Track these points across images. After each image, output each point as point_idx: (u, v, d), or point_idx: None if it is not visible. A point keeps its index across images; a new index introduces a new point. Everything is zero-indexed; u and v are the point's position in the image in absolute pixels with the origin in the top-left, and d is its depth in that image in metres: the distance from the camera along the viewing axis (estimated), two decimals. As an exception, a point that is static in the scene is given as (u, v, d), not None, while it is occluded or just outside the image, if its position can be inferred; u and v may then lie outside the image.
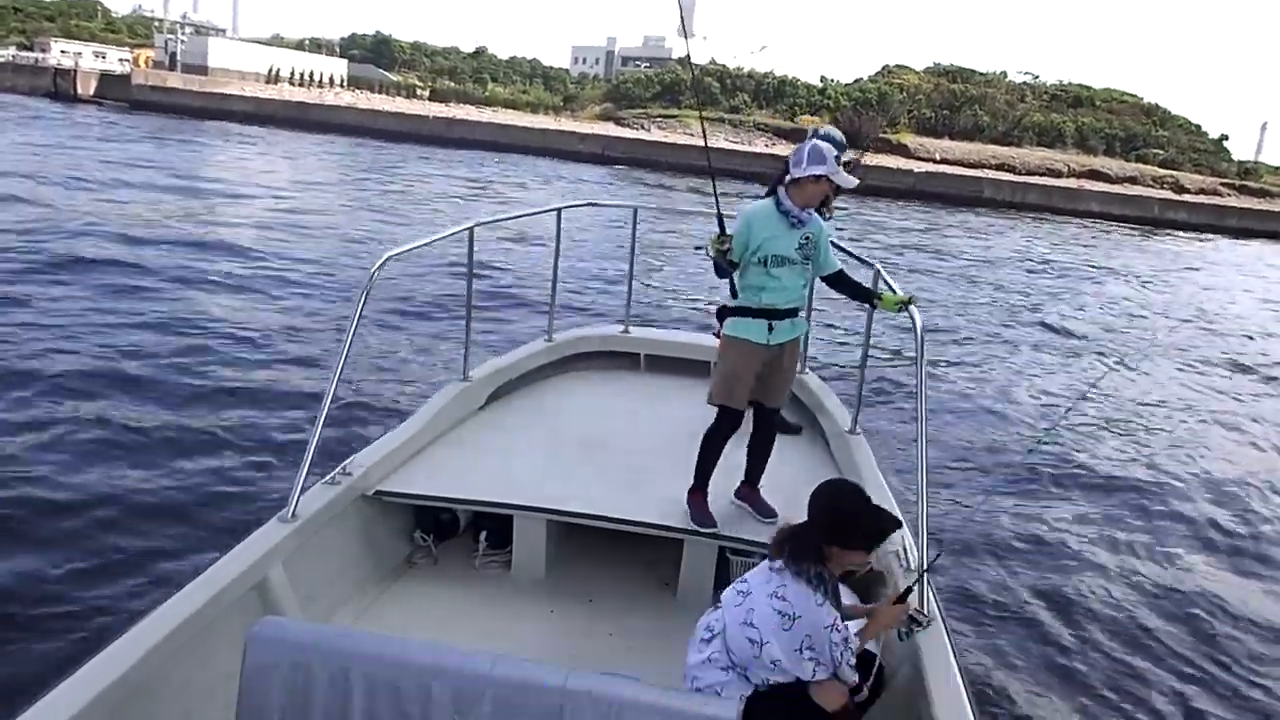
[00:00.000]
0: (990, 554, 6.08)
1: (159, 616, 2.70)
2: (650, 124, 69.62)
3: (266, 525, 3.35)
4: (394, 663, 2.23)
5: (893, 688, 2.98)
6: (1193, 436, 9.85)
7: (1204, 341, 16.36)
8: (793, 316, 3.94)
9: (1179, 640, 5.30)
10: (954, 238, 30.82)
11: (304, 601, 3.34)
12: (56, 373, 8.09)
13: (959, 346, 12.87)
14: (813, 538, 2.72)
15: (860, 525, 2.78)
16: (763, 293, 3.84)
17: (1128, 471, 8.08)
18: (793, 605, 2.64)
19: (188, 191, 23.12)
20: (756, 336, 3.87)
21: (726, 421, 3.98)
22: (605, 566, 4.19)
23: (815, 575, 2.67)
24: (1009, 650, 4.98)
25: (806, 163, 3.72)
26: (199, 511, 5.85)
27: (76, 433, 6.87)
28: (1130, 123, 78.81)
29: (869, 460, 4.43)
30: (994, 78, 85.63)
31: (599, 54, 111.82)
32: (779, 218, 3.80)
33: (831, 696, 2.67)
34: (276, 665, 2.24)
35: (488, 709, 2.16)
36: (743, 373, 3.91)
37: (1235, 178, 72.00)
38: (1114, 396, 11.01)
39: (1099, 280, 23.94)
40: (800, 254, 3.83)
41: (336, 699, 2.22)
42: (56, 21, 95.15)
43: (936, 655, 2.79)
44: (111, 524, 5.60)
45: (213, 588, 2.89)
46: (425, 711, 2.19)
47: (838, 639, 2.64)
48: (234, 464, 6.59)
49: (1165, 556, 6.40)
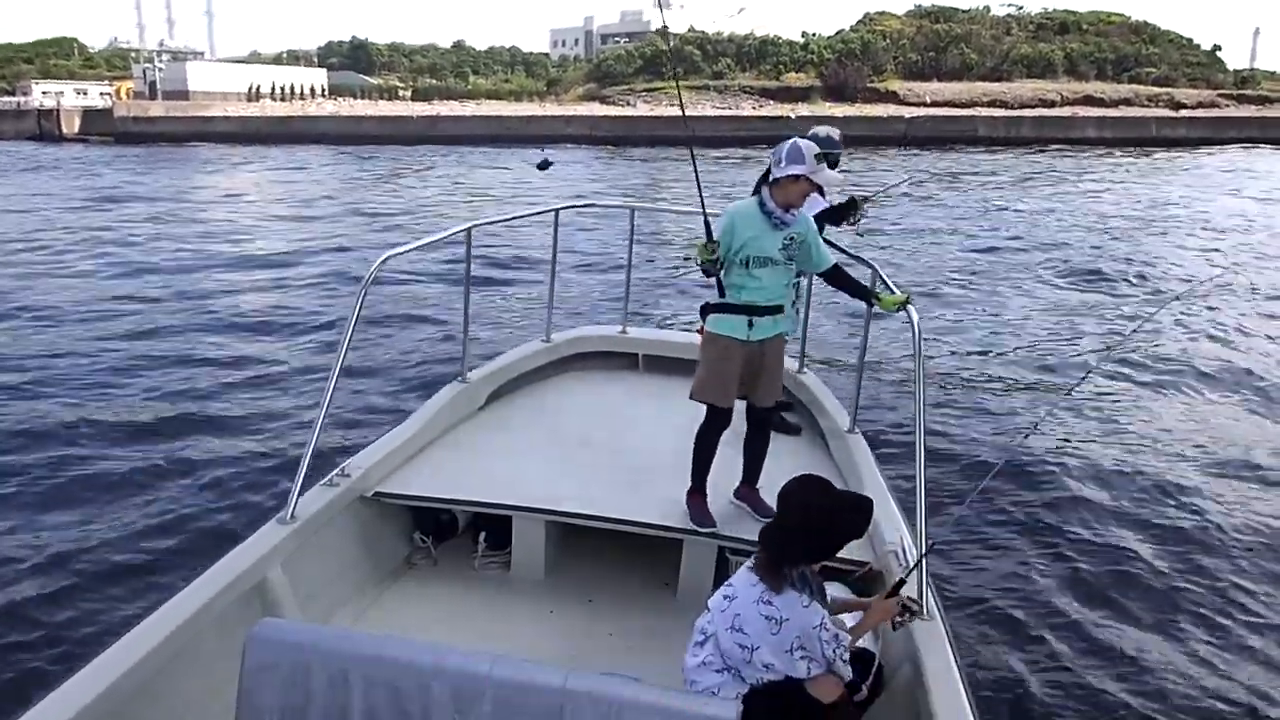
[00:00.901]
0: (991, 552, 6.03)
1: (159, 618, 2.72)
2: (635, 99, 69.10)
3: (266, 527, 3.37)
4: (393, 663, 2.23)
5: (893, 687, 2.97)
6: (1213, 410, 9.34)
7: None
8: (775, 314, 3.93)
9: (1182, 638, 5.17)
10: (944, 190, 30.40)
11: (303, 602, 3.34)
12: (57, 375, 8.26)
13: (958, 335, 12.38)
14: (790, 549, 2.70)
15: (840, 531, 2.77)
16: (743, 291, 3.85)
17: (1134, 463, 7.78)
18: (779, 610, 2.64)
19: (175, 205, 23.43)
20: (737, 333, 3.88)
21: (715, 419, 3.98)
22: (605, 566, 4.19)
23: (798, 576, 2.67)
24: (1010, 649, 4.93)
25: (785, 162, 3.71)
26: (198, 513, 5.85)
27: (75, 436, 6.92)
28: (1120, 44, 77.54)
29: (868, 459, 4.43)
30: (977, 13, 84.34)
31: (578, 34, 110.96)
32: (762, 218, 3.80)
33: (827, 689, 2.67)
34: (276, 666, 2.25)
35: (488, 709, 2.16)
36: (724, 369, 3.91)
37: (1232, 88, 70.88)
38: (1132, 366, 10.57)
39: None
40: (784, 254, 3.83)
41: (336, 700, 2.23)
42: (35, 62, 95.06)
43: (936, 654, 2.79)
44: (111, 526, 5.60)
45: (212, 589, 2.90)
46: (425, 712, 2.19)
47: (827, 636, 2.65)
48: (233, 466, 6.59)
49: (1170, 552, 6.19)
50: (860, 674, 2.76)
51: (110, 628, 4.15)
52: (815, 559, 2.76)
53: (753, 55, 78.13)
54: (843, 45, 77.75)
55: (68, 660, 2.81)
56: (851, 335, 10.62)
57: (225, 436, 7.14)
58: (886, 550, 3.45)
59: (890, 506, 3.84)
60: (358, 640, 2.37)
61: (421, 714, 2.19)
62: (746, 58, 77.86)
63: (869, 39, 78.27)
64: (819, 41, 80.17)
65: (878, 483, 4.11)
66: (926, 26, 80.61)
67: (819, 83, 71.84)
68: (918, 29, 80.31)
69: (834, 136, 5.49)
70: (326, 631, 2.74)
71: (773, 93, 70.18)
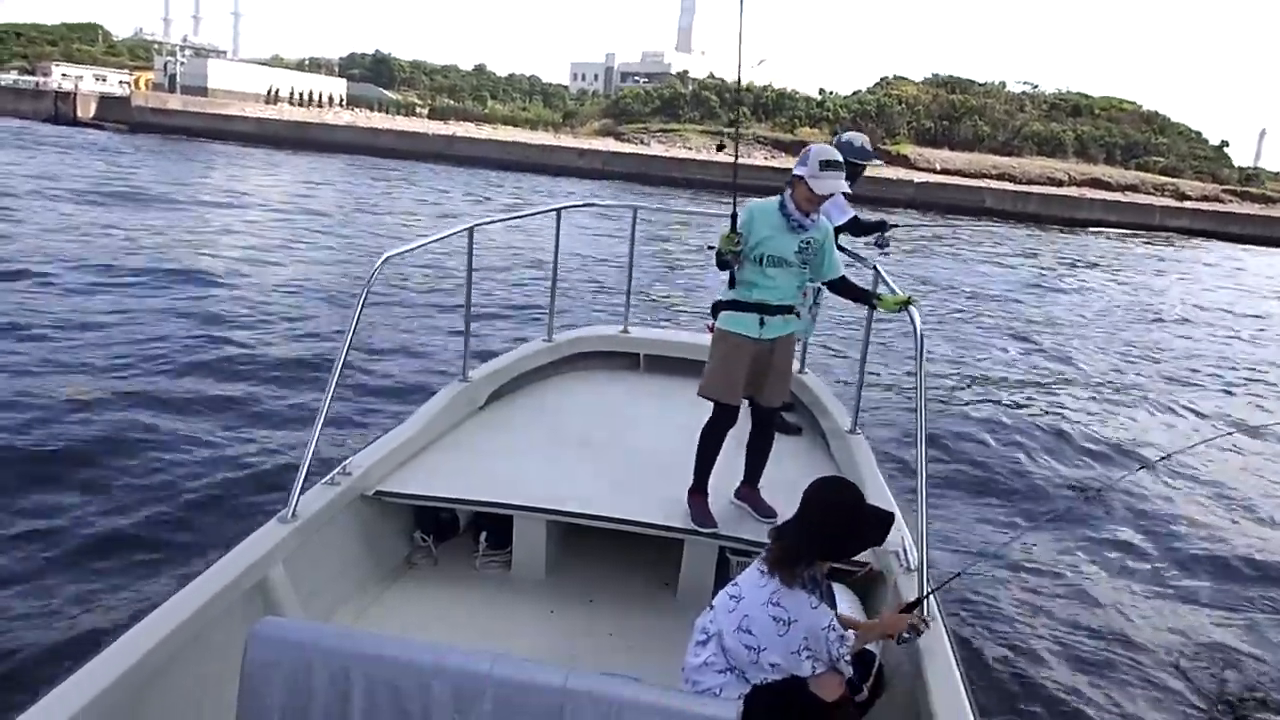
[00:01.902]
0: (991, 552, 6.06)
1: (159, 616, 2.70)
2: (650, 138, 69.75)
3: (267, 525, 3.35)
4: (394, 662, 2.23)
5: (893, 688, 2.95)
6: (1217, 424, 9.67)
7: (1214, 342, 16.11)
8: (786, 313, 3.93)
9: (1182, 640, 5.22)
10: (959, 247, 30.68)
11: (304, 601, 3.33)
12: (59, 373, 8.18)
13: (958, 337, 12.83)
14: (805, 545, 2.69)
15: (858, 537, 2.76)
16: (755, 289, 3.86)
17: (1135, 471, 7.87)
18: (788, 611, 2.63)
19: (184, 202, 23.37)
20: (749, 330, 3.88)
21: (721, 417, 3.96)
22: (605, 566, 4.19)
23: (809, 579, 2.68)
24: (1010, 650, 4.93)
25: (797, 163, 3.77)
26: (199, 512, 5.83)
27: (76, 433, 6.86)
28: (1130, 130, 78.83)
29: (869, 460, 4.42)
30: (993, 88, 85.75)
31: (598, 70, 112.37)
32: (780, 219, 3.81)
33: (830, 687, 2.66)
34: (277, 665, 2.25)
35: (488, 709, 2.16)
36: (734, 366, 3.90)
37: (1237, 184, 71.90)
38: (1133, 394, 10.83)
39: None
40: (799, 258, 3.84)
41: (336, 698, 2.22)
42: (59, 46, 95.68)
43: (937, 655, 2.79)
44: (112, 525, 5.57)
45: (213, 587, 2.89)
46: (425, 711, 2.19)
47: (834, 636, 2.65)
48: (234, 464, 6.57)
49: (1171, 556, 6.32)
50: (861, 674, 2.76)
51: (111, 626, 4.13)
52: (827, 559, 2.76)
53: (769, 107, 79.06)
54: (859, 105, 78.85)
55: (69, 658, 2.78)
56: (853, 336, 10.73)
57: (226, 435, 7.12)
58: (887, 551, 3.42)
59: (891, 507, 3.77)
60: (359, 639, 2.36)
61: (422, 713, 2.19)
62: (763, 108, 78.78)
63: (885, 102, 79.40)
64: (835, 99, 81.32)
65: (878, 483, 4.10)
66: (942, 96, 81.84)
67: (832, 140, 72.56)
68: (933, 97, 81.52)
69: (864, 145, 5.57)
70: (327, 630, 2.73)
71: (785, 145, 70.81)
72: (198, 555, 4.78)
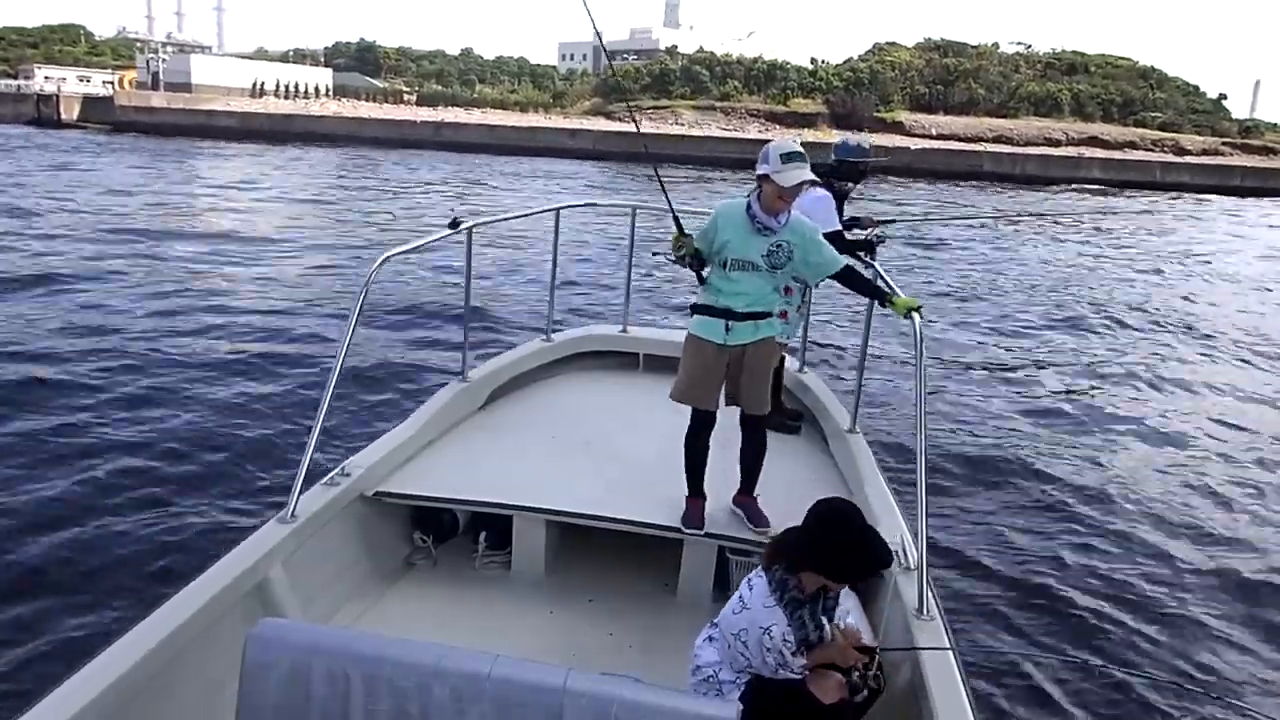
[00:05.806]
0: (991, 552, 6.01)
1: (159, 617, 2.71)
2: (641, 116, 69.08)
3: (266, 526, 3.36)
4: (394, 663, 2.23)
5: (893, 688, 2.92)
6: (1212, 423, 9.44)
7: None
8: (756, 320, 3.83)
9: (1183, 638, 5.22)
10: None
11: (303, 602, 3.36)
12: (55, 374, 8.27)
13: (958, 335, 12.64)
14: (793, 549, 2.67)
15: (848, 562, 2.66)
16: (720, 294, 3.80)
17: (1133, 469, 7.91)
18: (752, 595, 2.67)
19: (179, 199, 23.54)
20: (713, 335, 3.82)
21: (697, 422, 3.93)
22: (605, 567, 4.20)
23: (779, 580, 2.65)
24: (1010, 649, 4.94)
25: (759, 162, 3.65)
26: (198, 512, 5.85)
27: (74, 435, 6.89)
28: (1127, 87, 77.99)
29: (868, 459, 4.42)
30: (986, 50, 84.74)
31: (586, 50, 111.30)
32: (745, 221, 3.72)
33: (829, 689, 2.65)
34: (276, 665, 2.25)
35: (488, 709, 2.17)
36: (699, 371, 3.86)
37: (1236, 136, 71.13)
38: (1126, 382, 10.66)
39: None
40: (767, 262, 3.74)
41: (336, 699, 2.23)
42: (40, 48, 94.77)
43: (936, 655, 2.80)
44: (111, 525, 5.61)
45: (212, 588, 2.90)
46: (425, 711, 2.19)
47: (769, 644, 2.60)
48: (233, 464, 6.62)
49: (1171, 553, 6.25)
50: (860, 674, 2.73)
51: (110, 627, 4.13)
52: (819, 571, 2.63)
53: (761, 79, 78.22)
54: (851, 74, 77.98)
55: (67, 660, 2.67)
56: (852, 336, 10.88)
57: (225, 435, 7.13)
58: None
59: (890, 506, 3.84)
60: (358, 640, 2.37)
61: (421, 714, 2.19)
62: (755, 81, 77.95)
63: (877, 69, 78.54)
64: (828, 69, 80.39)
65: (878, 483, 4.11)
66: (935, 60, 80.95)
67: (826, 109, 71.97)
68: (926, 62, 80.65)
69: (860, 144, 5.49)
70: (327, 631, 2.75)
71: (779, 117, 70.22)
72: (197, 556, 4.72)
